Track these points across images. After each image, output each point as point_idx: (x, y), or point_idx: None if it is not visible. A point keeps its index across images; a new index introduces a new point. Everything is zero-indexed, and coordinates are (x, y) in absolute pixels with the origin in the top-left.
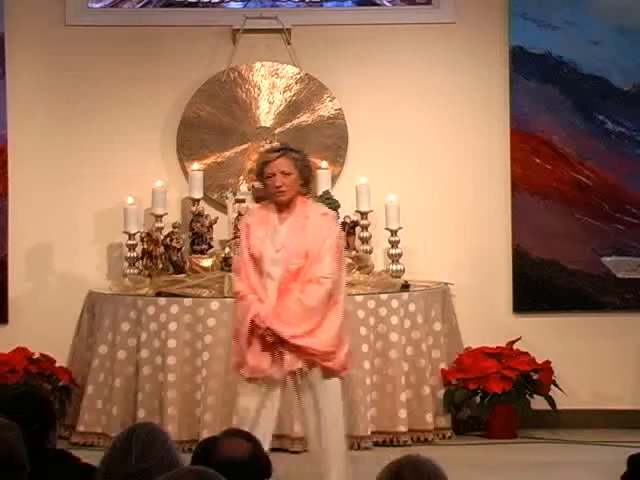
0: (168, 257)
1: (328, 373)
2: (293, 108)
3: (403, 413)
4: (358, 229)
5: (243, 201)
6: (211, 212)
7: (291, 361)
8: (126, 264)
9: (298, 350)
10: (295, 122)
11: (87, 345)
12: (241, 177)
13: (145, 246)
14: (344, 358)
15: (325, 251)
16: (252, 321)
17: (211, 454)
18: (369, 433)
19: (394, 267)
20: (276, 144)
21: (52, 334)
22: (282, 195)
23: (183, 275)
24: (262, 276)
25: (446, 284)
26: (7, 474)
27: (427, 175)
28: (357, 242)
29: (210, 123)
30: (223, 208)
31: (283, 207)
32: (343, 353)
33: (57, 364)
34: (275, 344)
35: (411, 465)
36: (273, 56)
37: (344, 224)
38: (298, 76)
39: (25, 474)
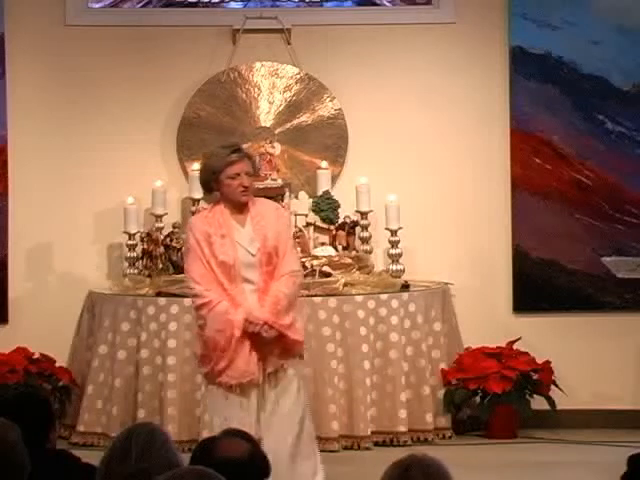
0: (168, 257)
1: (297, 361)
2: (293, 108)
3: (403, 413)
4: (358, 229)
5: None
6: None
7: (274, 361)
8: (126, 264)
9: (284, 344)
10: (295, 122)
11: (87, 345)
12: None
13: (145, 246)
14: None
15: (291, 246)
16: (246, 320)
17: (210, 454)
18: (369, 433)
19: (394, 267)
20: (232, 143)
21: (52, 334)
22: (247, 196)
23: (183, 275)
24: (235, 281)
25: (446, 284)
26: (7, 473)
27: (427, 175)
28: (357, 242)
29: (210, 123)
30: None
31: (237, 208)
32: None
33: (57, 364)
34: (263, 342)
35: (419, 464)
36: (273, 56)
37: (344, 224)
38: (298, 76)
39: (26, 474)
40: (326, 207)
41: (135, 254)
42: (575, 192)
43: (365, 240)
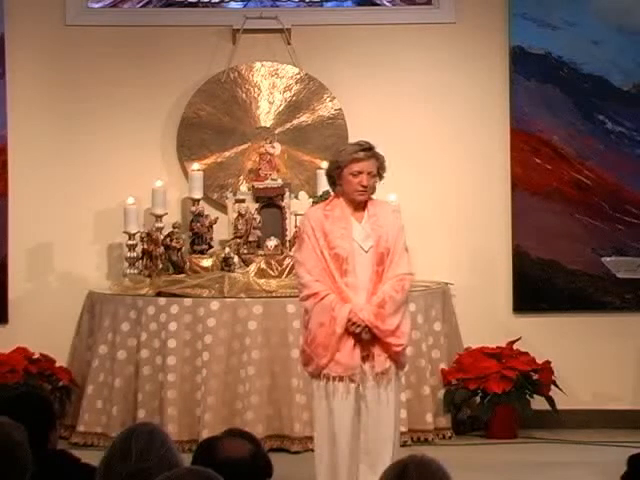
0: (168, 257)
1: (399, 368)
2: (293, 108)
3: (403, 413)
4: None
5: (243, 201)
6: (211, 212)
7: (382, 361)
8: (126, 264)
9: (387, 347)
10: (295, 122)
11: (87, 345)
12: (241, 177)
13: (145, 246)
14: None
15: (402, 250)
16: (349, 319)
17: (212, 454)
18: None
19: None
20: (364, 142)
21: (52, 334)
22: (364, 196)
23: (183, 275)
24: (345, 275)
25: (446, 284)
26: (10, 473)
27: (427, 175)
28: None
29: (210, 123)
30: (223, 208)
31: (355, 205)
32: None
33: (57, 364)
34: (366, 342)
35: (416, 465)
36: (273, 56)
37: None
38: (298, 76)
39: (27, 474)
40: None
41: (135, 254)
42: (575, 192)
43: None
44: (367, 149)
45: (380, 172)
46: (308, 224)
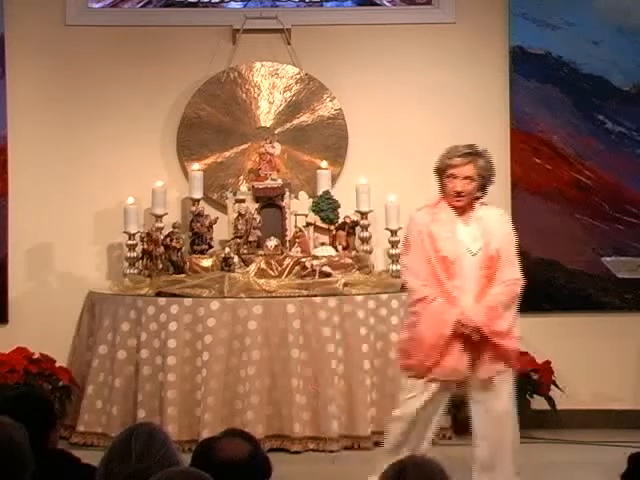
0: (168, 257)
1: (509, 372)
2: (293, 108)
3: None
4: (358, 229)
5: (243, 201)
6: (211, 212)
7: (489, 368)
8: (126, 264)
9: (498, 351)
10: (295, 122)
11: (87, 345)
12: (241, 177)
13: (145, 246)
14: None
15: (512, 255)
16: (458, 321)
17: (211, 455)
18: (369, 433)
19: (394, 267)
20: (468, 145)
21: (52, 334)
22: (459, 202)
23: (183, 275)
24: (453, 278)
25: None
26: (11, 473)
27: (427, 175)
28: (357, 242)
29: (210, 123)
30: (223, 208)
31: (459, 207)
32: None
33: (57, 364)
34: (475, 345)
35: (415, 465)
36: (273, 56)
37: (344, 224)
38: (298, 76)
39: (27, 474)
40: (326, 207)
41: (135, 254)
42: (575, 192)
43: (365, 240)
44: (464, 154)
45: (484, 176)
46: (414, 228)
